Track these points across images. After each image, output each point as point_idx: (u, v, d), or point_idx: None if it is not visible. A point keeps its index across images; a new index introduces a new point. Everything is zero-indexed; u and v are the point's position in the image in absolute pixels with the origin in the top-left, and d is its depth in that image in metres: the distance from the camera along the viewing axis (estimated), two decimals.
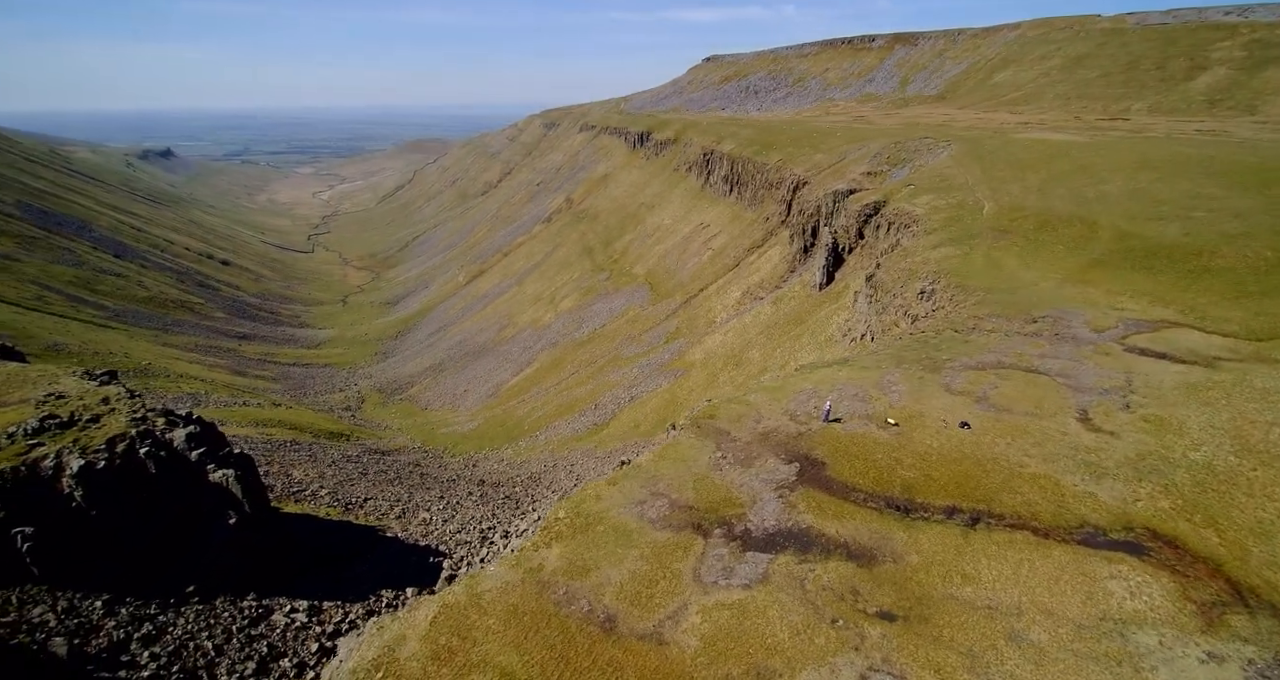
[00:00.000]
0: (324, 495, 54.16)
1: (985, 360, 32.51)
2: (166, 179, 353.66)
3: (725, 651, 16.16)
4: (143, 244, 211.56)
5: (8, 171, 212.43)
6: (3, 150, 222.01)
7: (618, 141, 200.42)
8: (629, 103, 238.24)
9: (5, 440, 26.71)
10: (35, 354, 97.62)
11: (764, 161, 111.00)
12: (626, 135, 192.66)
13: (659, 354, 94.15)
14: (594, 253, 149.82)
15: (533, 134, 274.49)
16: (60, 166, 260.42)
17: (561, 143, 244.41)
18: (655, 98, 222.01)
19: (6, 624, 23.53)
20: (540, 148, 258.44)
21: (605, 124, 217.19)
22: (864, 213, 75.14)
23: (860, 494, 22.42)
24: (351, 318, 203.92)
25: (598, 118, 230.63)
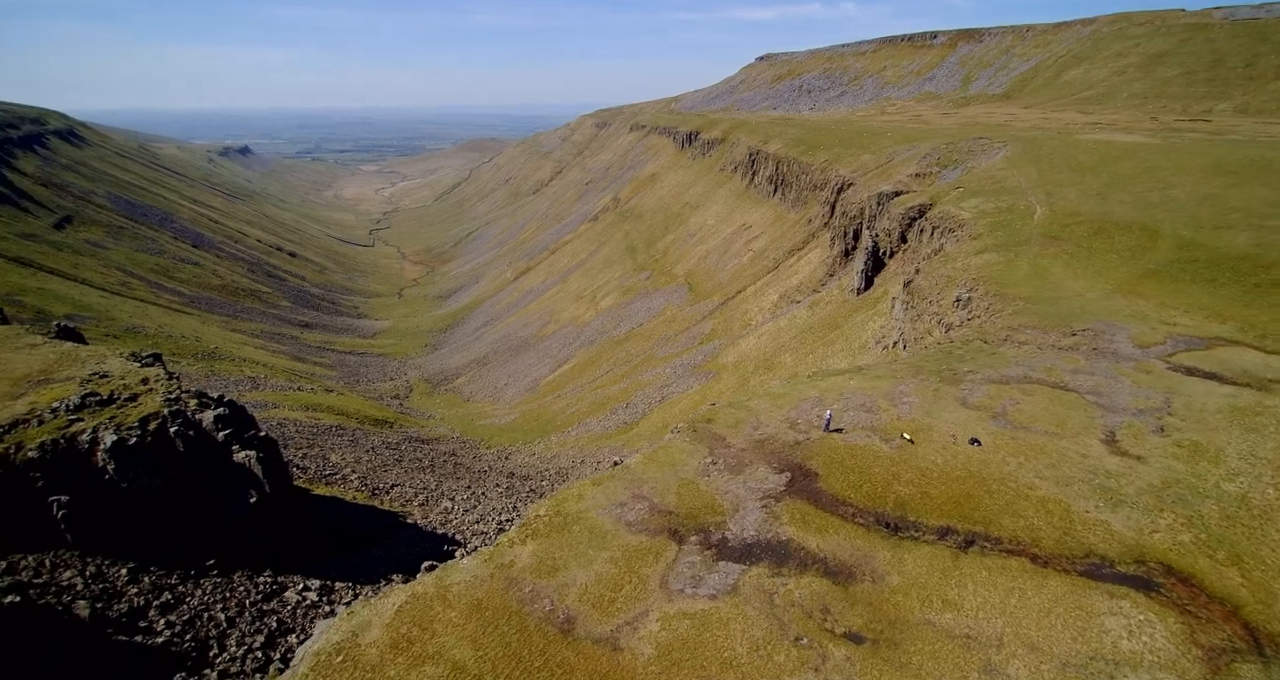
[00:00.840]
0: (354, 479, 56.29)
1: (1010, 374, 30.73)
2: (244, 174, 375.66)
3: (679, 662, 15.82)
4: (219, 235, 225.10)
5: (100, 165, 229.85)
6: (97, 145, 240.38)
7: (666, 141, 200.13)
8: (680, 102, 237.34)
9: (49, 414, 29.00)
10: (115, 335, 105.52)
11: (809, 162, 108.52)
12: (675, 135, 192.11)
13: (693, 355, 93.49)
14: (636, 252, 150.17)
15: (585, 133, 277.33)
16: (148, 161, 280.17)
17: (612, 142, 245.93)
18: (706, 97, 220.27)
19: (38, 585, 25.55)
20: (591, 147, 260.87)
21: (655, 123, 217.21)
22: (908, 216, 72.39)
23: (850, 508, 21.56)
24: (406, 310, 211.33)
25: (648, 117, 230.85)
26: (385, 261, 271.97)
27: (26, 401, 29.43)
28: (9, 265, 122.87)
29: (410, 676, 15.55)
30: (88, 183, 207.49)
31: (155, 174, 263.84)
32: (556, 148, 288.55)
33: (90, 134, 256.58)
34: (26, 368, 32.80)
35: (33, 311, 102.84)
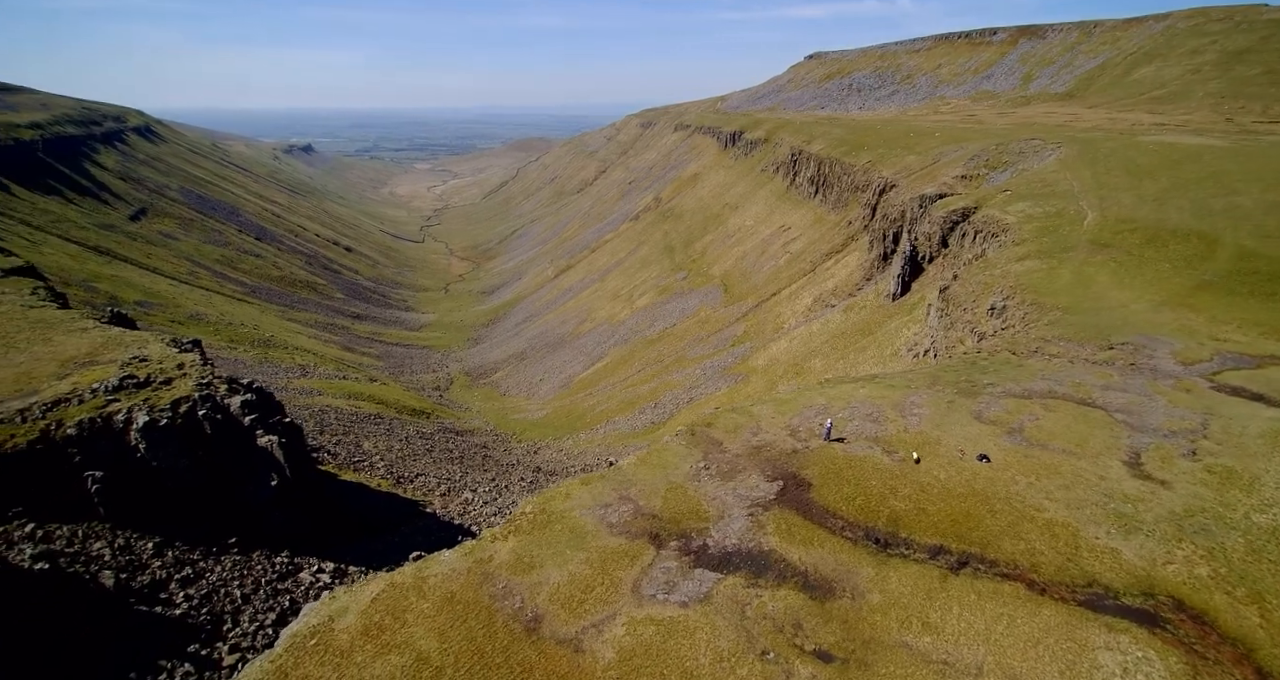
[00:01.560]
0: (380, 467, 58.04)
1: (1034, 388, 29.17)
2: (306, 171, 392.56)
3: (638, 669, 15.65)
4: (280, 229, 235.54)
5: (175, 161, 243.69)
6: (172, 142, 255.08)
7: (710, 141, 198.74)
8: (726, 102, 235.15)
9: (89, 394, 31.01)
10: (180, 322, 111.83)
11: (851, 163, 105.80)
12: (719, 134, 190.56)
13: (723, 357, 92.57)
14: (674, 252, 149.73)
15: (630, 133, 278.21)
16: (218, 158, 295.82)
17: (656, 142, 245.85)
18: (752, 97, 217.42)
19: (69, 554, 27.36)
20: (636, 147, 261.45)
21: (700, 123, 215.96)
22: (950, 219, 69.72)
23: (840, 521, 20.88)
24: (451, 304, 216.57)
25: (693, 117, 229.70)
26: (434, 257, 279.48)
27: (70, 382, 31.55)
28: (88, 253, 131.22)
29: (375, 664, 15.89)
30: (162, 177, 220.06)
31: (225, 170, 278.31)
32: (601, 147, 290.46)
33: (166, 131, 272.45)
34: (75, 350, 35.17)
35: (106, 297, 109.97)
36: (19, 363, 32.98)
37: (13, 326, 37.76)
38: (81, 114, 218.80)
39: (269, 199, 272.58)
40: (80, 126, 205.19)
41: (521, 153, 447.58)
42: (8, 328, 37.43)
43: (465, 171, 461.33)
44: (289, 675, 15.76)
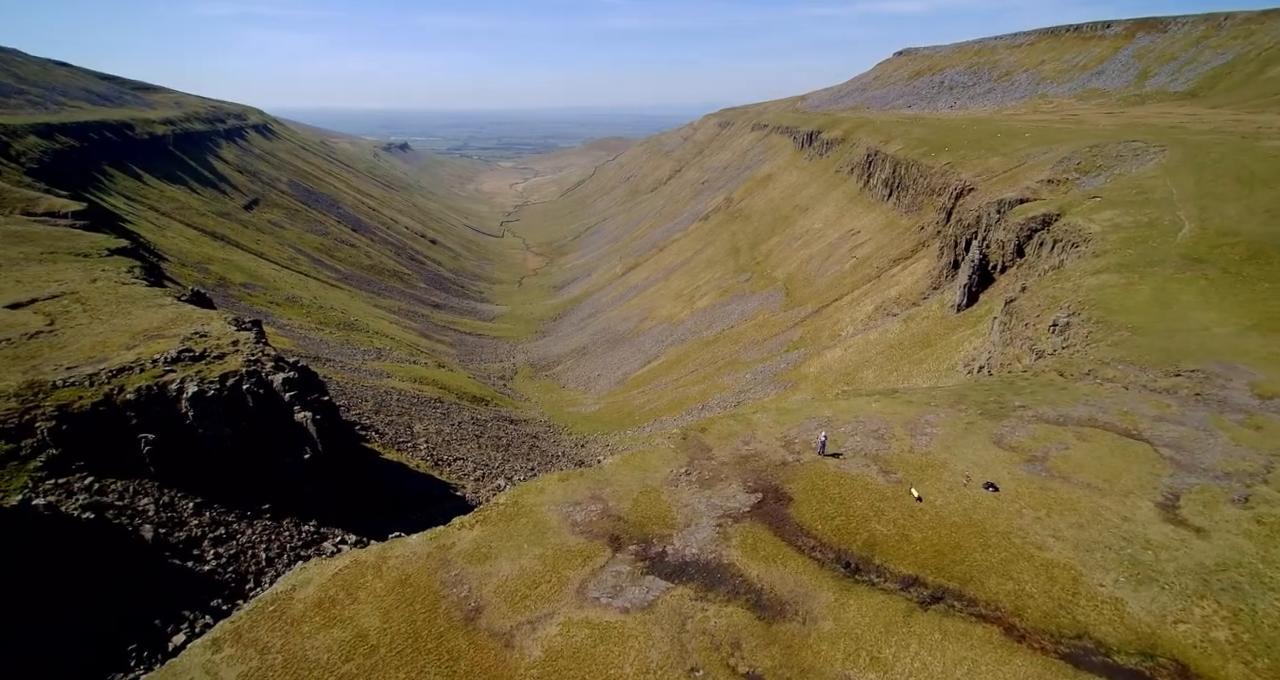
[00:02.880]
0: (423, 449, 60.69)
1: (1071, 414, 26.42)
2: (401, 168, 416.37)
3: (561, 671, 15.46)
4: (374, 221, 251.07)
5: (286, 156, 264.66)
6: (285, 139, 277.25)
7: (786, 141, 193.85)
8: (806, 101, 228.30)
9: (149, 364, 34.31)
10: (278, 303, 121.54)
11: (929, 165, 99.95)
12: (795, 134, 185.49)
13: (775, 362, 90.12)
14: (740, 253, 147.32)
15: (706, 133, 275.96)
16: (325, 154, 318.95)
17: (732, 142, 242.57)
18: (834, 95, 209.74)
19: (118, 507, 30.41)
20: (711, 147, 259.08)
21: (777, 123, 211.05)
22: (1028, 226, 64.50)
23: (812, 540, 19.75)
24: (524, 298, 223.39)
25: (771, 117, 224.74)
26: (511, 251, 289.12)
27: (135, 352, 35.02)
28: (205, 238, 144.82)
29: (318, 636, 16.58)
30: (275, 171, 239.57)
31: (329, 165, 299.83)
32: (677, 147, 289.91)
33: (281, 129, 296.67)
34: (147, 323, 39.00)
35: (216, 278, 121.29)
36: (98, 333, 36.95)
37: (103, 300, 42.34)
38: (209, 112, 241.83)
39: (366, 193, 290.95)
40: (207, 123, 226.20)
41: (600, 152, 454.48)
42: (98, 301, 42.00)
43: (546, 170, 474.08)
44: (242, 636, 16.73)
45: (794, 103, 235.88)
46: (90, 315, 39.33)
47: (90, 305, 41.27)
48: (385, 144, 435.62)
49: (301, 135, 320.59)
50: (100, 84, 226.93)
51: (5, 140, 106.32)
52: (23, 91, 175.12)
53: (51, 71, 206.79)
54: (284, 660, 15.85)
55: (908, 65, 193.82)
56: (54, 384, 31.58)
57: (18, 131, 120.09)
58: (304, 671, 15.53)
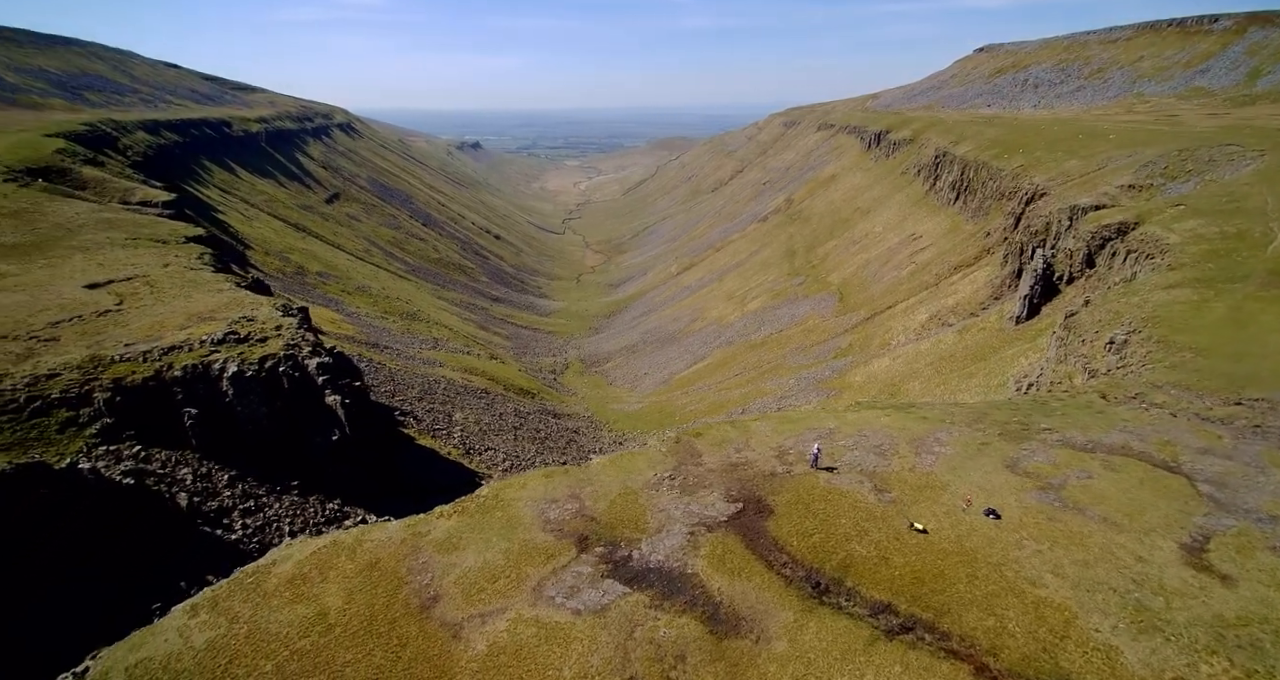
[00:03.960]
0: (457, 436, 62.52)
1: (1103, 440, 24.20)
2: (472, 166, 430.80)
3: (500, 667, 15.48)
4: (443, 216, 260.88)
5: (366, 154, 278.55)
6: (366, 137, 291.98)
7: (853, 141, 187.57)
8: (878, 100, 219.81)
9: (197, 344, 36.94)
10: (349, 292, 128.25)
11: (1000, 167, 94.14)
12: (862, 134, 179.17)
13: (821, 369, 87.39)
14: (795, 256, 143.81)
15: (771, 133, 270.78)
16: (402, 152, 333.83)
17: (797, 142, 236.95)
18: (907, 94, 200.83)
19: (159, 475, 32.92)
20: (775, 147, 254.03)
21: (845, 122, 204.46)
22: (1101, 235, 59.72)
23: (785, 556, 18.93)
24: (580, 294, 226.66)
25: (839, 116, 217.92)
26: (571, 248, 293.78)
27: (186, 332, 37.79)
28: (288, 229, 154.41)
29: (284, 610, 17.31)
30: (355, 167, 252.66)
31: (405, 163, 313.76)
32: (741, 147, 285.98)
33: (363, 127, 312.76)
34: (203, 306, 42.04)
35: (295, 266, 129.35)
36: (159, 313, 40.10)
37: (169, 283, 45.91)
38: (299, 111, 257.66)
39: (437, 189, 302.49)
40: (296, 122, 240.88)
41: (663, 151, 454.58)
42: (165, 284, 45.58)
43: (609, 169, 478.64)
44: (218, 605, 17.70)
45: (864, 102, 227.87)
46: (155, 297, 42.75)
47: (157, 288, 44.85)
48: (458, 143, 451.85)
49: (382, 134, 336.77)
50: (204, 84, 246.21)
51: (114, 135, 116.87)
52: (136, 90, 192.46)
53: (162, 72, 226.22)
54: (248, 631, 16.64)
55: (989, 62, 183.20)
56: (112, 359, 34.53)
57: (128, 127, 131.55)
58: (263, 643, 16.25)
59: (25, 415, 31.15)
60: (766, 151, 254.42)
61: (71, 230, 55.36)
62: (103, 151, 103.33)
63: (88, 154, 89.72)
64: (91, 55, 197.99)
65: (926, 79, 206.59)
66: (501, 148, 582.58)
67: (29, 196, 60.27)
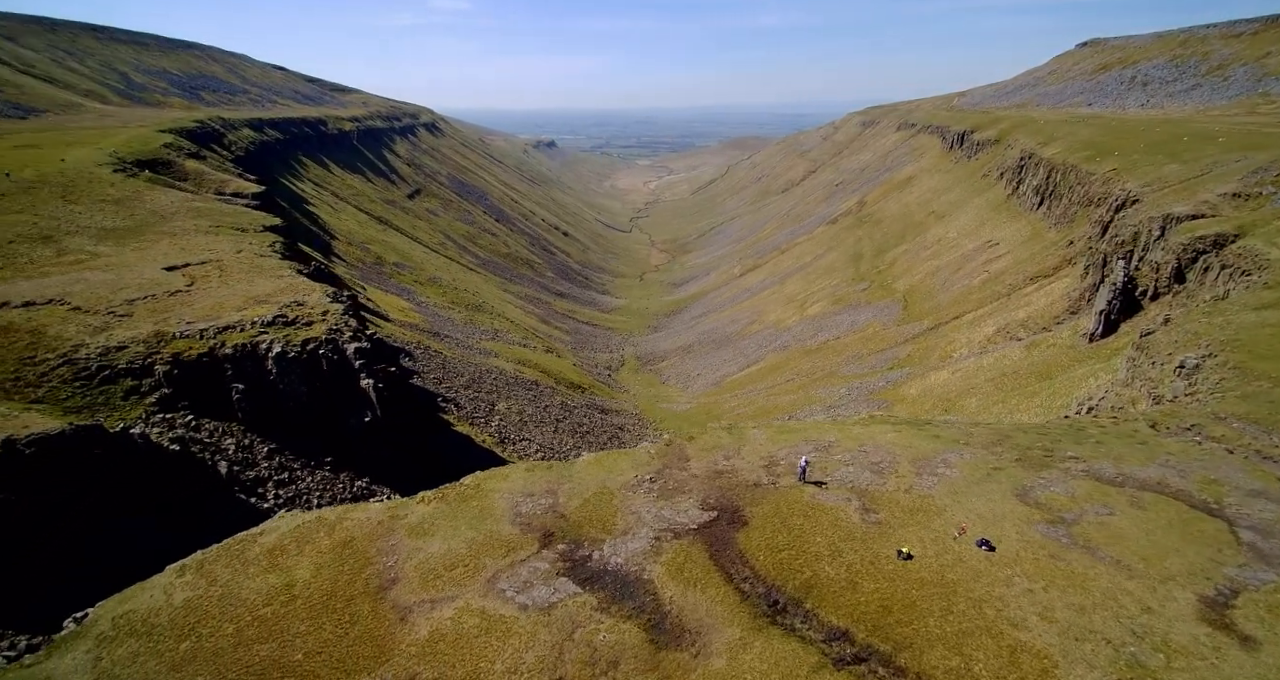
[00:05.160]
0: (494, 425, 64.22)
1: (1136, 474, 21.77)
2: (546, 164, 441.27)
3: (436, 654, 15.71)
4: (515, 212, 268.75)
5: (448, 151, 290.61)
6: (448, 136, 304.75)
7: (934, 141, 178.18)
8: (965, 98, 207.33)
9: (249, 325, 39.79)
10: (420, 283, 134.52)
11: (1090, 170, 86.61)
12: (945, 134, 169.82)
13: (875, 380, 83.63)
14: (861, 261, 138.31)
15: (848, 132, 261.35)
16: (481, 151, 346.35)
17: (874, 142, 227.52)
18: (998, 92, 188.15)
19: (204, 443, 35.72)
20: (852, 147, 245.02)
21: (927, 122, 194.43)
22: (1194, 247, 53.91)
23: (747, 570, 18.17)
24: (642, 292, 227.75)
25: (921, 115, 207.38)
26: (637, 247, 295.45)
27: (241, 314, 40.79)
28: (371, 221, 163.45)
29: (257, 578, 18.32)
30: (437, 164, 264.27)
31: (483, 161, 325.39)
32: (815, 147, 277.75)
33: (446, 127, 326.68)
34: (262, 290, 45.25)
35: (374, 256, 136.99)
36: (222, 295, 43.48)
37: (238, 268, 49.68)
38: (389, 111, 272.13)
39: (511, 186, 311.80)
40: (386, 121, 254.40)
41: (735, 151, 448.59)
42: (234, 269, 49.35)
43: (680, 168, 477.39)
44: (203, 567, 18.96)
45: (950, 100, 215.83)
46: (223, 280, 46.42)
47: (227, 271, 48.65)
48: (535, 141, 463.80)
49: (463, 132, 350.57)
50: (306, 85, 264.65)
51: (222, 131, 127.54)
52: (246, 91, 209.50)
53: (270, 74, 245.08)
54: (221, 594, 17.73)
55: (1092, 58, 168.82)
56: (173, 335, 37.75)
57: (235, 124, 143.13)
58: (230, 607, 17.26)
59: (95, 382, 34.59)
60: (841, 152, 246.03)
61: (165, 217, 60.96)
62: (208, 146, 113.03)
63: (192, 148, 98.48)
64: (209, 58, 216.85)
65: (1021, 76, 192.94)
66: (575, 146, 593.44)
67: (133, 186, 66.91)
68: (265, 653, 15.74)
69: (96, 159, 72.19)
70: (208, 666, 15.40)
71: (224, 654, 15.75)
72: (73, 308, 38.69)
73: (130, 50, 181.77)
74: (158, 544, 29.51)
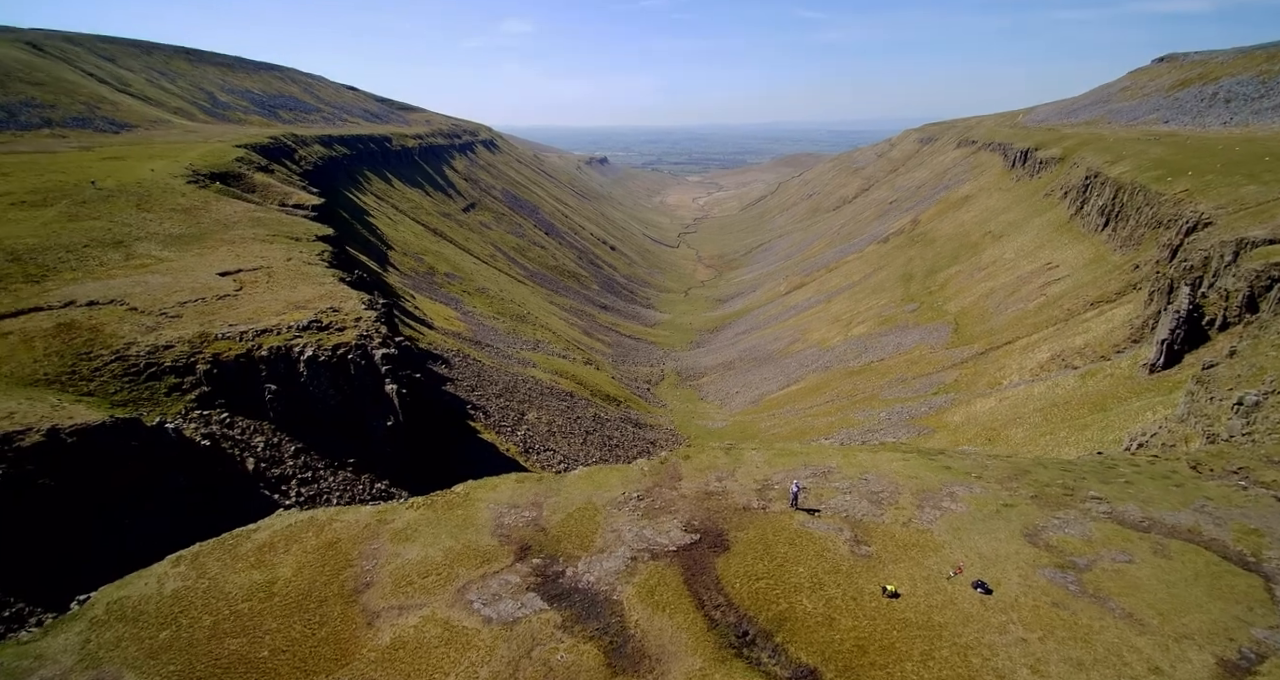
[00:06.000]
0: (520, 435, 64.85)
1: (1165, 519, 19.93)
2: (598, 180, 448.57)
3: (394, 660, 15.74)
4: (564, 226, 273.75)
5: (503, 167, 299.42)
6: (504, 152, 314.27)
7: (995, 159, 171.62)
8: (1030, 115, 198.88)
9: (285, 329, 41.74)
10: (469, 292, 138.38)
11: (1160, 191, 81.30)
12: (1007, 151, 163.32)
13: (917, 405, 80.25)
14: (912, 281, 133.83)
15: (904, 149, 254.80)
16: (534, 166, 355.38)
17: (932, 159, 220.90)
18: (1067, 108, 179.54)
19: (235, 439, 37.47)
20: (908, 164, 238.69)
21: (988, 139, 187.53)
22: (1268, 274, 49.80)
23: (721, 598, 17.51)
24: (686, 307, 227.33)
25: (982, 132, 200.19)
26: (683, 262, 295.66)
27: (279, 318, 42.86)
28: (427, 233, 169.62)
29: (243, 573, 18.91)
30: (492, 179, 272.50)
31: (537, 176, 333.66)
32: (869, 164, 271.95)
33: (503, 143, 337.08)
34: (301, 296, 47.47)
35: (427, 266, 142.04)
36: (265, 300, 45.83)
37: (285, 275, 52.33)
38: (450, 128, 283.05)
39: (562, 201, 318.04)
40: (446, 138, 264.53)
41: (787, 168, 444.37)
42: (281, 275, 52.00)
43: (730, 185, 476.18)
44: (197, 559, 19.73)
45: (1014, 117, 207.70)
46: (269, 286, 48.97)
47: (274, 278, 51.32)
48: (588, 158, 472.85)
49: (519, 149, 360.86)
50: (375, 105, 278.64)
51: (293, 147, 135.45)
52: (319, 109, 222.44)
53: (342, 94, 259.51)
54: (207, 586, 18.37)
55: (1169, 73, 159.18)
56: (215, 336, 39.97)
57: (306, 141, 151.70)
58: (212, 600, 17.85)
59: (142, 378, 36.92)
60: (897, 169, 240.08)
61: (227, 226, 65.02)
62: (279, 161, 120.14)
63: (263, 162, 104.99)
64: (288, 79, 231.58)
65: (1092, 92, 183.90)
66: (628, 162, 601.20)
67: (202, 196, 71.79)
68: (235, 647, 16.17)
69: (173, 171, 77.90)
70: (180, 656, 15.93)
71: (198, 645, 16.26)
72: (130, 308, 41.56)
73: (217, 71, 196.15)
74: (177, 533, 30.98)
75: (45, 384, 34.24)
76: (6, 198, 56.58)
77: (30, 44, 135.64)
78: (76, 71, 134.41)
